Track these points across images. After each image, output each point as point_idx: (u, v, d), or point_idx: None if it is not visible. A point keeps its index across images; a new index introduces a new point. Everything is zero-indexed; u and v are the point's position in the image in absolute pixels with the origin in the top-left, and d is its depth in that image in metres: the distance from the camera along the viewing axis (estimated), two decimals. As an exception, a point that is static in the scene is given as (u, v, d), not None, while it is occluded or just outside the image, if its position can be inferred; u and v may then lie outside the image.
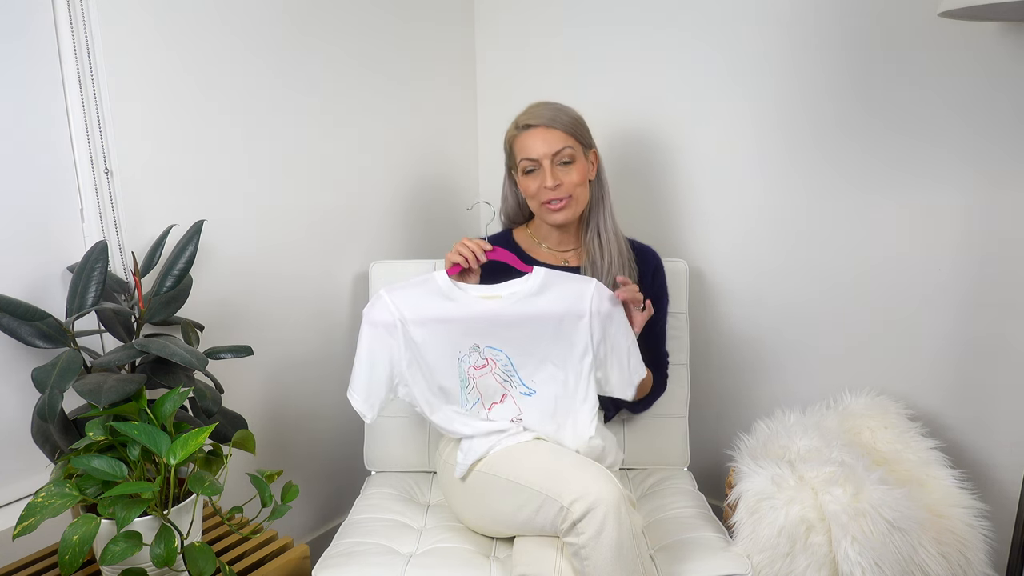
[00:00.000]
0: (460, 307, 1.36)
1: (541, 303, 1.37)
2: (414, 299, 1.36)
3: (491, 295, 1.38)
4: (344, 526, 1.43)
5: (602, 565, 1.12)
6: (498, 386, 1.39)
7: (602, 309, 1.37)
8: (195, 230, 1.35)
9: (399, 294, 1.36)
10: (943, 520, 1.35)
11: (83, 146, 1.35)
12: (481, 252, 1.38)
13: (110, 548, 1.03)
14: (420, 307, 1.36)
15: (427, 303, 1.36)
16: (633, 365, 1.41)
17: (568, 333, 1.38)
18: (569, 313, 1.37)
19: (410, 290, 1.37)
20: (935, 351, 1.62)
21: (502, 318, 1.36)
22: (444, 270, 1.38)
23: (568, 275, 1.40)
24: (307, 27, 1.68)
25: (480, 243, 1.38)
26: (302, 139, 1.71)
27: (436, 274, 1.37)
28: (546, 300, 1.37)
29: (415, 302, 1.36)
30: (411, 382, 1.37)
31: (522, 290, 1.38)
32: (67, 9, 1.30)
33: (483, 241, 1.39)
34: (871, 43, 1.57)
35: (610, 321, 1.38)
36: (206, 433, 1.09)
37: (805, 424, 1.52)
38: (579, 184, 1.48)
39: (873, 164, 1.62)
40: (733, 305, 1.89)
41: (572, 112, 1.50)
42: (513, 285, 1.39)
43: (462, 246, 1.38)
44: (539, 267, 1.39)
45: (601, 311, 1.37)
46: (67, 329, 1.22)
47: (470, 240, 1.39)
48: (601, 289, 1.38)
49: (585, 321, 1.37)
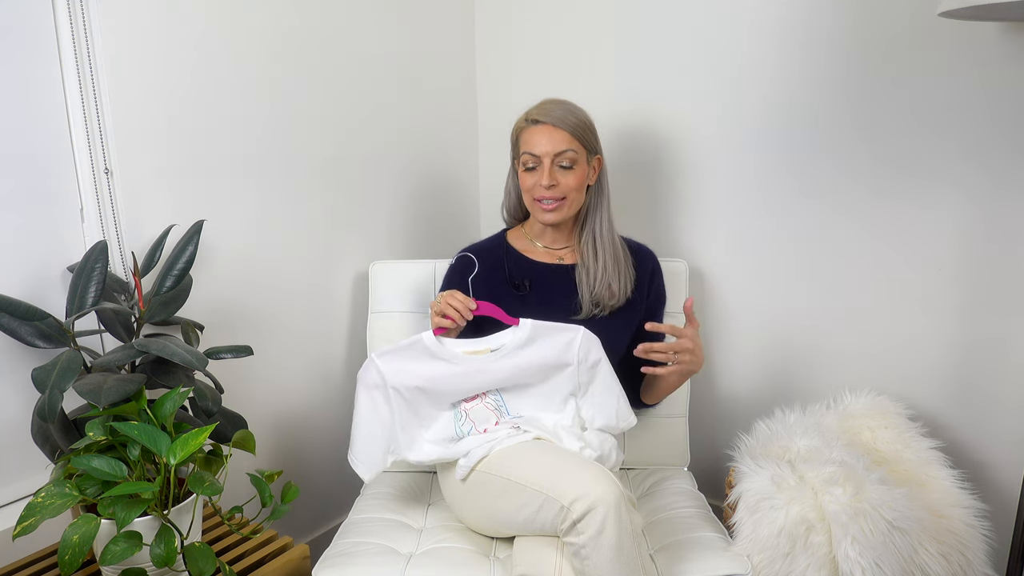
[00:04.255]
0: (449, 365, 1.39)
1: (528, 354, 1.39)
2: (404, 362, 1.38)
3: (479, 350, 1.40)
4: (344, 526, 1.43)
5: (602, 565, 1.12)
6: (490, 413, 1.42)
7: (589, 357, 1.40)
8: (195, 230, 1.35)
9: (388, 358, 1.38)
10: (943, 520, 1.35)
11: (83, 146, 1.35)
12: (467, 311, 1.39)
13: (110, 548, 1.03)
14: (410, 371, 1.38)
15: (416, 366, 1.38)
16: (621, 413, 1.43)
17: (554, 380, 1.41)
18: (557, 362, 1.40)
19: (399, 353, 1.39)
20: (935, 351, 1.62)
21: (491, 371, 1.39)
22: (431, 330, 1.40)
23: (555, 325, 1.41)
24: (307, 27, 1.68)
25: (465, 301, 1.39)
26: (302, 139, 1.71)
27: (423, 335, 1.39)
28: (533, 351, 1.40)
29: (404, 365, 1.38)
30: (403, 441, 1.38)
31: (510, 342, 1.40)
32: (67, 9, 1.30)
33: (468, 299, 1.40)
34: (871, 43, 1.57)
35: (596, 369, 1.41)
36: (206, 433, 1.09)
37: (805, 424, 1.52)
38: (575, 189, 1.48)
39: (873, 164, 1.62)
40: (733, 305, 1.89)
41: (583, 115, 1.49)
42: (501, 337, 1.41)
43: (447, 307, 1.39)
44: (525, 320, 1.40)
45: (588, 359, 1.40)
46: (67, 329, 1.22)
47: (454, 298, 1.39)
48: (588, 337, 1.40)
49: (572, 369, 1.40)
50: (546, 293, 1.53)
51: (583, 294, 1.51)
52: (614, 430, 1.44)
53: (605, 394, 1.42)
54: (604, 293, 1.50)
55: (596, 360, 1.41)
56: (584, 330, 1.40)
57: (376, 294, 1.75)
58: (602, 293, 1.50)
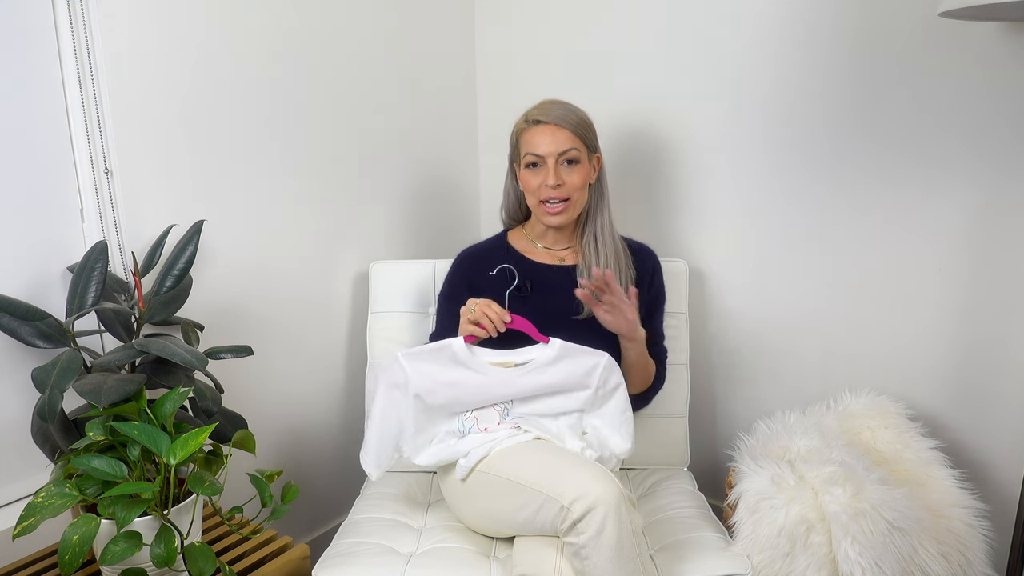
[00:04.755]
0: (475, 375, 1.39)
1: (553, 372, 1.40)
2: (429, 365, 1.38)
3: (505, 362, 1.41)
4: (344, 526, 1.43)
5: (602, 565, 1.12)
6: (496, 414, 1.42)
7: (608, 383, 1.41)
8: (195, 230, 1.35)
9: (414, 360, 1.38)
10: (943, 520, 1.35)
11: (83, 146, 1.35)
12: (501, 323, 1.39)
13: (110, 548, 1.03)
14: (434, 374, 1.38)
15: (441, 370, 1.38)
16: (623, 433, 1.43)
17: (570, 398, 1.42)
18: (578, 385, 1.41)
19: (426, 355, 1.39)
20: (935, 351, 1.62)
21: (514, 384, 1.40)
22: (461, 337, 1.40)
23: (582, 349, 1.41)
24: (307, 27, 1.68)
25: (501, 313, 1.39)
26: (302, 139, 1.71)
27: (452, 341, 1.39)
28: (558, 370, 1.40)
29: (429, 368, 1.38)
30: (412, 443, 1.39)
31: (538, 359, 1.40)
32: (67, 9, 1.30)
33: (504, 312, 1.40)
34: (871, 43, 1.57)
35: (612, 394, 1.42)
36: (206, 433, 1.09)
37: (805, 424, 1.52)
38: (579, 187, 1.48)
39: (873, 164, 1.62)
40: (733, 305, 1.89)
41: (582, 114, 1.50)
42: (529, 352, 1.41)
43: (483, 316, 1.38)
44: (555, 340, 1.40)
45: (607, 385, 1.41)
46: (67, 329, 1.22)
47: (491, 309, 1.39)
48: (611, 365, 1.41)
49: (589, 393, 1.41)
50: (547, 294, 1.53)
51: None
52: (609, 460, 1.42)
53: (614, 415, 1.42)
54: None
55: (616, 385, 1.42)
56: (608, 357, 1.41)
57: (376, 294, 1.75)
58: None
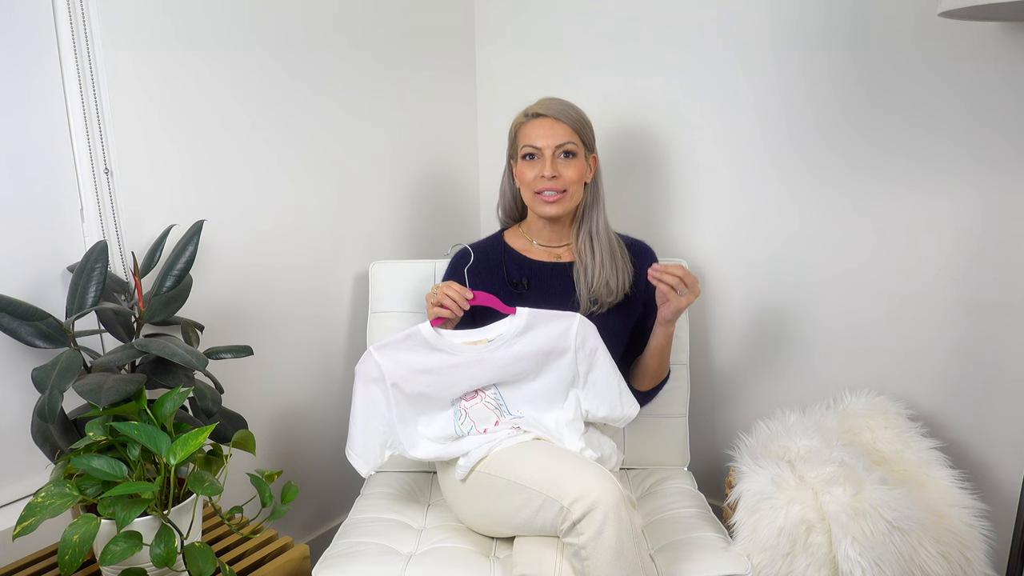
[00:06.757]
0: (448, 356, 1.38)
1: (526, 341, 1.39)
2: (402, 354, 1.38)
3: (477, 339, 1.40)
4: (344, 526, 1.43)
5: (602, 565, 1.12)
6: (490, 413, 1.41)
7: (587, 344, 1.40)
8: (195, 230, 1.35)
9: (387, 351, 1.38)
10: (943, 520, 1.35)
11: (83, 146, 1.35)
12: (464, 300, 1.39)
13: (110, 548, 1.03)
14: (408, 362, 1.37)
15: (415, 357, 1.38)
16: (625, 402, 1.43)
17: (554, 369, 1.40)
18: (554, 350, 1.40)
19: (397, 345, 1.38)
20: (935, 351, 1.62)
21: (490, 360, 1.39)
22: (428, 321, 1.40)
23: (551, 313, 1.41)
24: (306, 28, 1.68)
25: (462, 291, 1.39)
26: (302, 139, 1.71)
27: (421, 327, 1.39)
28: (530, 338, 1.39)
29: (403, 357, 1.37)
30: (402, 437, 1.37)
31: (507, 331, 1.40)
32: (67, 9, 1.30)
33: (464, 288, 1.40)
34: (871, 43, 1.57)
35: (595, 357, 1.41)
36: (206, 433, 1.09)
37: (805, 424, 1.52)
38: (575, 181, 1.48)
39: (873, 164, 1.62)
40: (732, 305, 1.89)
41: (581, 111, 1.51)
42: (499, 327, 1.41)
43: (444, 296, 1.39)
44: (522, 308, 1.40)
45: (586, 346, 1.40)
46: (67, 329, 1.22)
47: (451, 288, 1.39)
48: (585, 324, 1.40)
49: (570, 356, 1.40)
50: (544, 291, 1.53)
51: (581, 292, 1.51)
52: (617, 421, 1.43)
53: (605, 383, 1.42)
54: (602, 290, 1.50)
55: (594, 348, 1.40)
56: (580, 316, 1.41)
57: (376, 294, 1.75)
58: (600, 290, 1.50)
